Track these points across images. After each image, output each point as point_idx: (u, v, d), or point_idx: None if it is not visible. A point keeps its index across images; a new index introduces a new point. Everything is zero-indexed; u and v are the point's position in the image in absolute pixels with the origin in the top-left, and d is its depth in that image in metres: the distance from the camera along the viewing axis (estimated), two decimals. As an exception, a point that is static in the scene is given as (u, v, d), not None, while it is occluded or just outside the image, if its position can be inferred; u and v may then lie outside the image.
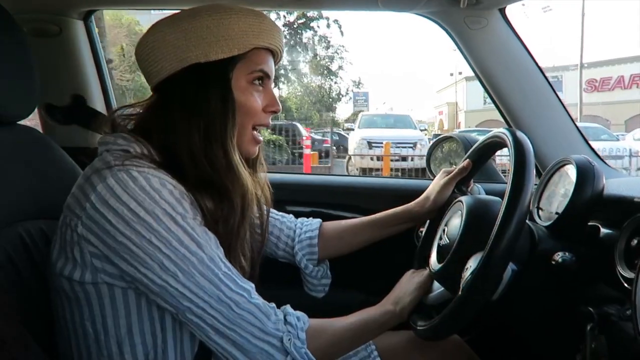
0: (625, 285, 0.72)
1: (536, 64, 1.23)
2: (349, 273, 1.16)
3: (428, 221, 1.09)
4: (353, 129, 12.96)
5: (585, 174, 0.86)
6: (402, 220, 1.06)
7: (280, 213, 1.07)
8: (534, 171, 0.76)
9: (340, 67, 27.24)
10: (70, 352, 0.73)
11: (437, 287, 0.88)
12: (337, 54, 26.29)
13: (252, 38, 0.77)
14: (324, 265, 1.06)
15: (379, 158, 9.63)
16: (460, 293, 0.73)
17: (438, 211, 1.04)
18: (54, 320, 0.75)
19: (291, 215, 1.07)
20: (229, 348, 0.68)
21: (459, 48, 1.28)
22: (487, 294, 0.73)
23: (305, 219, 1.08)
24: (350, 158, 10.26)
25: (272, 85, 0.84)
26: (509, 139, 0.81)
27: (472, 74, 1.32)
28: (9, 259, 0.75)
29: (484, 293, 0.72)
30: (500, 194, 0.94)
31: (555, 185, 0.96)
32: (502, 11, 1.20)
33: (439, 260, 0.86)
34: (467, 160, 1.04)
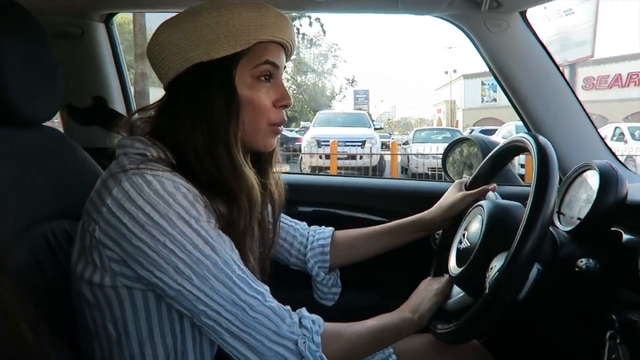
0: None
1: (557, 67, 1.22)
2: (365, 275, 1.16)
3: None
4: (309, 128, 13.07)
5: (608, 180, 0.85)
6: (415, 229, 1.06)
7: (294, 220, 1.07)
8: (558, 176, 0.75)
9: (334, 66, 27.32)
10: (93, 352, 0.74)
11: (457, 293, 0.88)
12: (331, 52, 26.39)
13: (253, 32, 0.74)
14: (335, 274, 1.06)
15: (327, 156, 9.68)
16: (486, 291, 0.72)
17: (453, 220, 1.04)
18: (77, 320, 0.76)
19: (304, 223, 1.07)
20: (244, 351, 0.69)
21: (478, 51, 1.27)
22: (515, 291, 0.72)
23: (318, 227, 1.09)
24: (302, 157, 10.39)
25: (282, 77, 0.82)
26: (531, 144, 0.81)
27: (469, 71, 1.31)
28: (35, 258, 0.77)
29: (511, 290, 0.71)
30: (518, 197, 0.93)
31: (577, 190, 0.95)
32: (523, 14, 1.19)
33: (459, 264, 0.85)
34: (494, 185, 1.03)
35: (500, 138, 9.69)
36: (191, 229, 0.66)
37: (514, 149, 0.95)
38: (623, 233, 0.84)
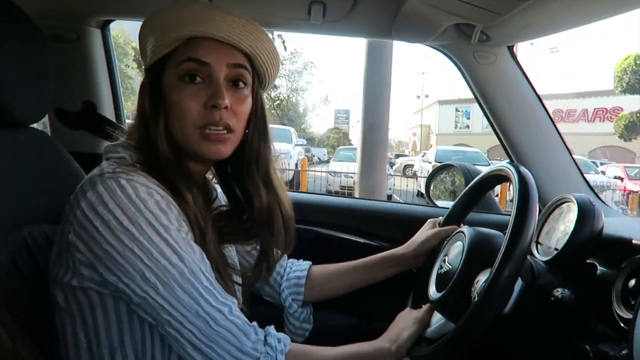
0: (622, 325, 0.73)
1: (540, 100, 1.26)
2: (345, 297, 1.16)
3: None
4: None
5: (586, 213, 0.87)
6: (389, 264, 1.06)
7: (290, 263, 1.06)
8: (537, 206, 0.78)
9: (308, 82, 27.61)
10: (67, 357, 0.72)
11: (437, 321, 0.88)
12: (306, 69, 26.80)
13: (171, 31, 0.73)
14: (308, 308, 1.05)
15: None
16: (475, 299, 0.73)
17: (426, 257, 1.06)
18: (50, 327, 0.75)
19: (285, 256, 1.06)
20: None
21: (465, 80, 1.31)
22: (503, 300, 0.73)
23: (295, 260, 1.08)
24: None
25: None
26: (513, 174, 0.83)
27: (444, 97, 1.35)
28: (14, 262, 0.75)
29: (500, 299, 0.72)
30: (497, 226, 0.95)
31: (556, 221, 0.98)
32: (511, 49, 1.23)
33: (439, 289, 0.86)
34: (461, 228, 1.02)
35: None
36: (159, 237, 0.66)
37: (496, 177, 0.97)
38: (598, 266, 0.86)
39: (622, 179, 11.86)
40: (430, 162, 11.68)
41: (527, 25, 1.08)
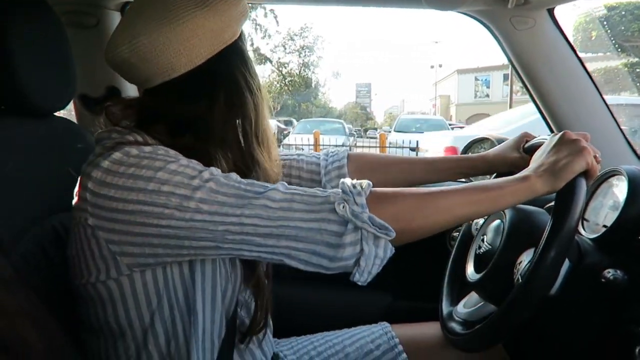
0: None
1: (584, 67, 1.18)
2: (378, 275, 1.14)
3: (462, 228, 1.05)
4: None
5: (638, 186, 0.82)
6: (457, 166, 0.95)
7: (297, 152, 0.98)
8: (585, 180, 0.72)
9: (319, 57, 27.57)
10: (98, 346, 0.72)
11: (475, 303, 0.85)
12: (316, 44, 26.61)
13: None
14: None
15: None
16: (519, 282, 0.69)
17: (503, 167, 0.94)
18: (81, 318, 0.74)
19: (309, 151, 0.98)
20: (284, 243, 0.62)
21: (501, 48, 1.24)
22: (549, 281, 0.69)
23: (330, 150, 0.97)
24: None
25: None
26: None
27: (463, 66, 1.28)
28: (43, 251, 0.75)
29: (546, 279, 0.67)
30: (537, 201, 0.90)
31: (604, 196, 0.92)
32: (551, 12, 1.15)
33: (478, 270, 0.83)
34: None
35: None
36: (180, 165, 0.64)
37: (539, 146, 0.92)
38: None
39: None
40: (389, 132, 12.17)
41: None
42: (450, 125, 14.51)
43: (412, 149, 8.87)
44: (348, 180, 0.65)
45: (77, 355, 0.59)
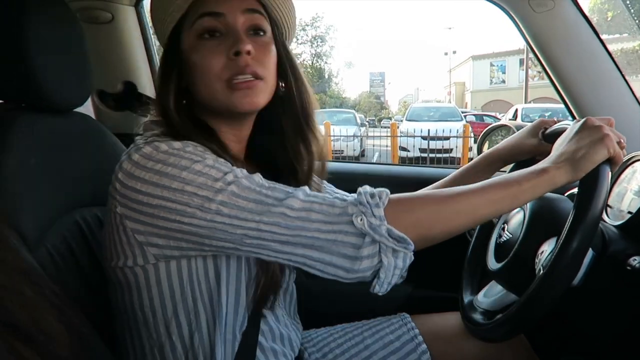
0: None
1: (607, 51, 1.13)
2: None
3: None
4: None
5: None
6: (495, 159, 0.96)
7: (331, 187, 0.96)
8: (609, 166, 0.70)
9: (332, 47, 27.35)
10: (124, 334, 0.74)
11: (496, 292, 0.84)
12: (328, 34, 26.32)
13: None
14: None
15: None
16: (542, 272, 0.67)
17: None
18: (108, 306, 0.76)
19: (343, 193, 0.92)
20: (300, 252, 0.62)
21: (520, 32, 1.20)
22: (572, 272, 0.67)
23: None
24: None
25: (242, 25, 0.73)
26: None
27: (478, 52, 1.24)
28: (68, 245, 0.77)
29: (568, 270, 0.66)
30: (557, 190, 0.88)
31: (628, 181, 0.90)
32: (572, -8, 1.11)
33: (499, 259, 0.82)
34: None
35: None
36: (204, 165, 0.65)
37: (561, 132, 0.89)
38: None
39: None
40: (400, 121, 12.29)
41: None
42: (463, 112, 14.42)
43: (424, 138, 8.81)
44: (367, 190, 0.65)
45: (102, 346, 0.60)
